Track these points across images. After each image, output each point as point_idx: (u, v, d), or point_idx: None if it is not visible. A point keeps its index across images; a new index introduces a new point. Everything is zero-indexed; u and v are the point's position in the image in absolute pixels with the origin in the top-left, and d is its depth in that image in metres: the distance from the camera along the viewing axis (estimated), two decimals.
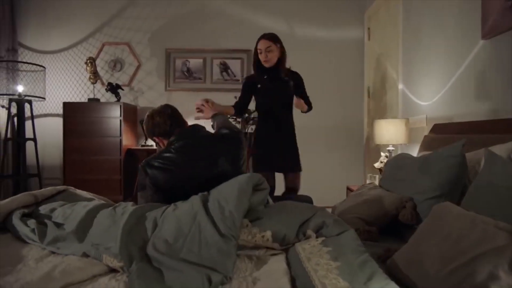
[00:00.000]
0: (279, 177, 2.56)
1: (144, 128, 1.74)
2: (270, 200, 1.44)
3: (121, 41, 4.22)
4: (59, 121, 4.07)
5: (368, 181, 2.80)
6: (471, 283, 0.84)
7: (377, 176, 2.78)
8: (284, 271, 1.03)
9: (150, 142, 4.15)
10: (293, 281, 0.99)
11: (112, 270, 1.10)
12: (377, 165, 2.87)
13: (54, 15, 4.21)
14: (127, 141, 3.92)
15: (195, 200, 1.25)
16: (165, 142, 1.66)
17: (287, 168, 2.53)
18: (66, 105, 3.81)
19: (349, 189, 3.10)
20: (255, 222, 1.21)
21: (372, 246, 1.35)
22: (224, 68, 4.29)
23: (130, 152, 3.96)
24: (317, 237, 1.23)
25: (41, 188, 3.88)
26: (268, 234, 1.18)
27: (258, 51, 2.49)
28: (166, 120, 1.65)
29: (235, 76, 4.30)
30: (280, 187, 2.57)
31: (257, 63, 2.53)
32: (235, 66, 4.29)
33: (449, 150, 1.48)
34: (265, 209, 1.30)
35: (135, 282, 0.97)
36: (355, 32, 4.16)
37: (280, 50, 2.49)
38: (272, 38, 2.49)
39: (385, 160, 2.80)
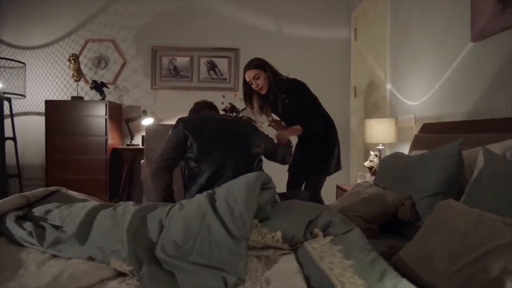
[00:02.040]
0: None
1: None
2: (278, 199, 1.44)
3: (106, 37, 4.12)
4: (40, 119, 3.94)
5: (359, 180, 2.84)
6: (484, 278, 0.87)
7: (367, 175, 2.82)
8: (297, 270, 1.03)
9: (136, 141, 4.07)
10: (306, 280, 0.99)
11: (120, 274, 1.07)
12: (366, 163, 2.92)
13: (35, 9, 4.07)
14: (113, 140, 3.83)
15: (202, 199, 1.23)
16: None
17: (296, 171, 2.62)
18: (48, 103, 3.69)
19: (339, 188, 3.13)
20: (264, 222, 1.21)
21: (374, 243, 1.37)
22: (212, 66, 4.26)
23: (115, 152, 3.87)
24: (324, 235, 1.23)
25: (21, 189, 3.75)
26: (279, 234, 1.18)
27: (249, 82, 2.49)
28: (203, 105, 2.23)
29: (222, 75, 4.27)
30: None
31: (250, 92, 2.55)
32: (222, 64, 4.26)
33: (446, 149, 1.52)
34: (272, 208, 1.29)
35: (147, 285, 0.95)
36: (341, 33, 4.21)
37: (267, 74, 2.45)
38: (254, 66, 2.45)
39: (374, 159, 2.86)
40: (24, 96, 3.81)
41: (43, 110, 3.87)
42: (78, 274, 0.99)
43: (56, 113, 3.68)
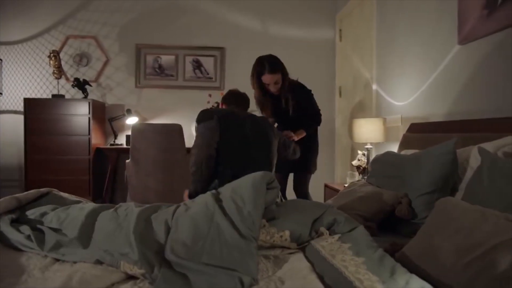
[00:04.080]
0: None
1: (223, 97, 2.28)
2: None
3: (88, 34, 3.99)
4: (18, 118, 3.79)
5: (348, 179, 2.89)
6: (493, 272, 0.90)
7: (356, 174, 2.88)
8: (309, 268, 1.03)
9: (120, 141, 3.98)
10: (319, 278, 1.00)
11: (130, 277, 1.04)
12: (354, 162, 2.97)
13: (12, 2, 3.89)
14: (96, 140, 3.73)
15: (208, 199, 1.22)
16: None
17: (288, 169, 2.68)
18: (27, 102, 3.55)
19: (327, 187, 3.18)
20: (272, 221, 1.21)
21: (375, 241, 1.40)
22: (197, 65, 4.22)
23: (98, 152, 3.77)
24: (329, 234, 1.25)
25: None
26: (287, 234, 1.19)
27: (265, 84, 2.43)
28: (235, 97, 2.21)
29: (208, 74, 4.24)
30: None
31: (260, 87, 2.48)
32: (208, 63, 4.23)
33: (441, 148, 1.57)
34: (278, 208, 1.30)
35: None
36: (326, 33, 4.26)
37: (282, 75, 2.43)
38: (276, 69, 2.38)
39: (362, 158, 2.91)
40: (1, 93, 3.65)
41: (20, 108, 3.72)
42: (89, 278, 0.95)
43: (36, 111, 3.54)
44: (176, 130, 3.37)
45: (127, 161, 3.47)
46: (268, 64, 2.38)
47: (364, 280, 0.90)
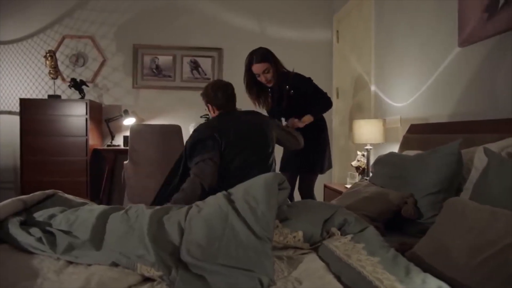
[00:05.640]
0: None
1: (204, 95, 2.16)
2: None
3: (84, 34, 3.95)
4: (12, 118, 3.74)
5: (348, 179, 2.91)
6: (507, 271, 0.92)
7: (356, 174, 2.90)
8: (325, 269, 1.04)
9: (117, 142, 3.95)
10: (336, 278, 1.01)
11: (147, 279, 1.04)
12: (354, 163, 2.99)
13: (7, 2, 3.82)
14: (93, 141, 3.69)
15: (221, 200, 1.22)
16: (215, 111, 2.11)
17: (296, 168, 2.64)
18: (23, 102, 3.50)
19: (326, 187, 3.19)
20: (285, 222, 1.22)
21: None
22: (195, 66, 4.21)
23: (95, 153, 3.73)
24: (340, 234, 1.26)
25: None
26: (300, 234, 1.19)
27: (256, 74, 2.44)
28: (224, 97, 2.08)
29: (205, 75, 4.23)
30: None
31: (253, 81, 2.50)
32: (206, 64, 4.22)
33: (446, 149, 1.59)
34: (289, 208, 1.31)
35: None
36: (324, 34, 4.28)
37: (273, 65, 2.43)
38: (263, 59, 2.40)
39: (362, 159, 2.93)
40: None
41: (16, 109, 3.67)
42: (106, 281, 0.95)
43: (32, 112, 3.50)
44: (175, 131, 3.36)
45: (124, 162, 3.45)
46: (256, 55, 2.42)
47: (383, 279, 0.91)
